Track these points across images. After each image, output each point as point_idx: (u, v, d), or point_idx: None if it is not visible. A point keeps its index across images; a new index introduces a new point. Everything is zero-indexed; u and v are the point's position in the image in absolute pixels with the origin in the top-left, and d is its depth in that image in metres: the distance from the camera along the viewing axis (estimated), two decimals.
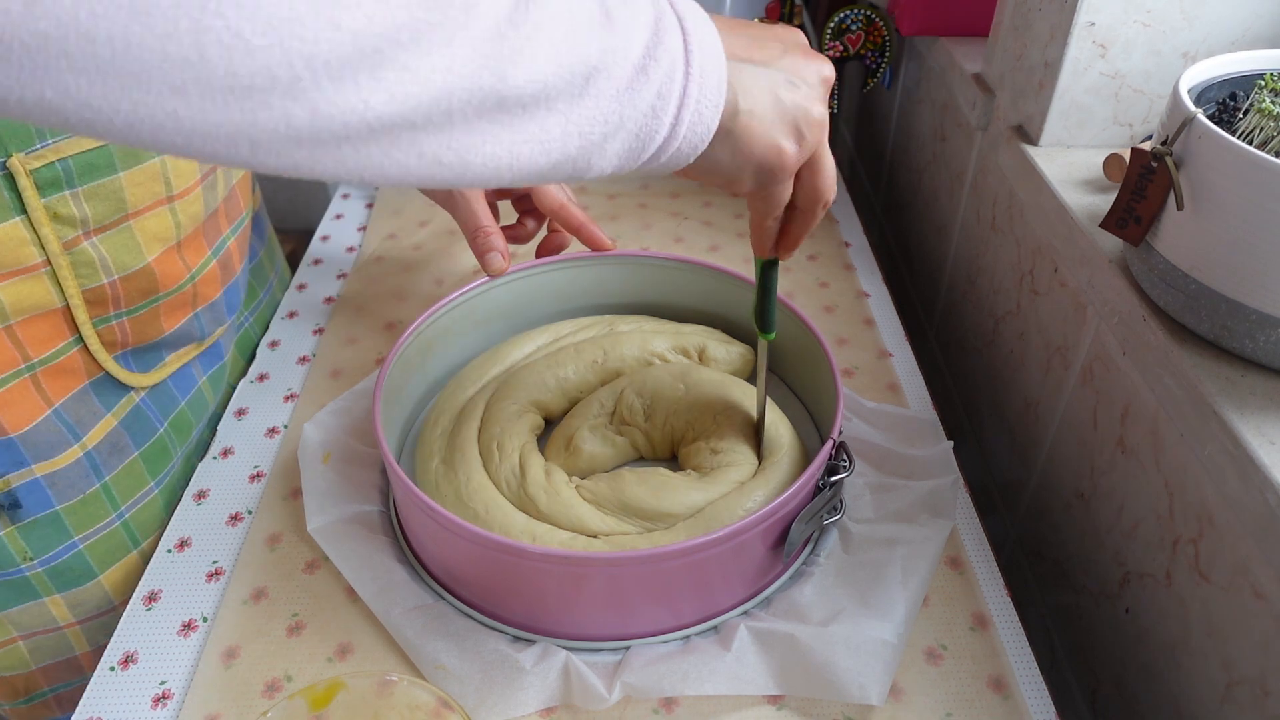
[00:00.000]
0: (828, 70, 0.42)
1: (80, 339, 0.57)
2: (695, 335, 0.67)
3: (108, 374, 0.60)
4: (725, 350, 0.66)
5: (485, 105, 0.29)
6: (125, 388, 0.61)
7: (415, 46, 0.27)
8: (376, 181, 0.31)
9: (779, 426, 0.60)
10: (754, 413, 0.60)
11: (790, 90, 0.40)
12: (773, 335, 0.55)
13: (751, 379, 0.68)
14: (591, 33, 0.31)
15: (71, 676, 0.66)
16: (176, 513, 0.63)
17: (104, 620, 0.63)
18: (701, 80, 0.35)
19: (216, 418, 0.72)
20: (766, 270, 0.51)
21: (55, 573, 0.60)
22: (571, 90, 0.31)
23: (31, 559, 0.58)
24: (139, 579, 0.62)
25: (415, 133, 0.29)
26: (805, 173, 0.43)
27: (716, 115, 0.36)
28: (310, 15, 0.24)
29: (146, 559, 0.64)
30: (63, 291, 0.55)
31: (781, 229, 0.46)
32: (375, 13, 0.26)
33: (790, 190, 0.43)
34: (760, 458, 0.59)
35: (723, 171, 0.40)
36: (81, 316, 0.56)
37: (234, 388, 0.74)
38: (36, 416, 0.55)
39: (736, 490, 0.55)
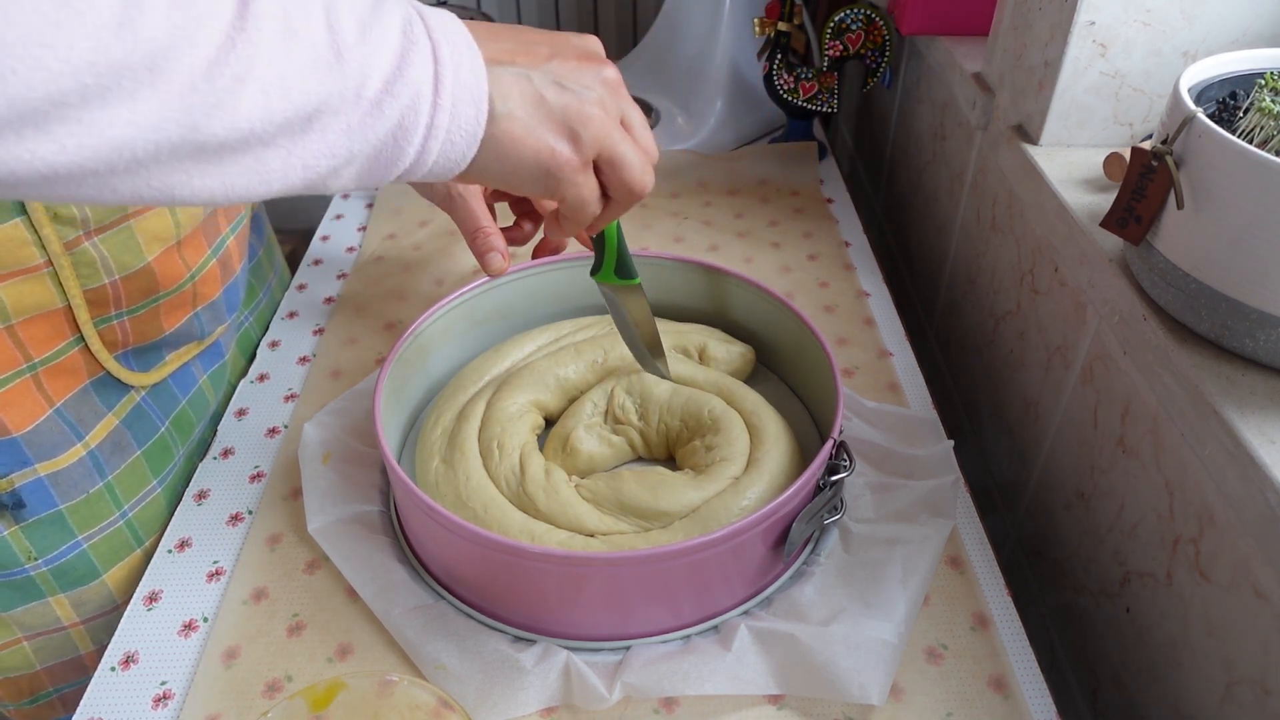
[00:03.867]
0: (609, 73, 0.42)
1: (81, 339, 0.57)
2: (695, 335, 0.67)
3: (108, 373, 0.60)
4: (725, 350, 0.66)
5: (180, 151, 0.30)
6: (126, 387, 0.61)
7: (87, 105, 0.27)
8: (74, 203, 0.31)
9: (764, 415, 0.60)
10: (748, 408, 0.60)
11: (557, 91, 0.40)
12: (638, 280, 0.57)
13: (747, 378, 0.68)
14: (314, 76, 0.32)
15: (76, 676, 0.66)
16: (177, 513, 0.63)
17: (108, 620, 0.63)
18: (453, 110, 0.36)
19: (218, 416, 0.72)
20: (617, 230, 0.55)
21: (59, 572, 0.60)
22: (290, 130, 0.32)
23: (35, 559, 0.58)
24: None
25: (100, 176, 0.29)
26: (606, 169, 0.43)
27: (473, 142, 0.37)
28: None
29: (150, 558, 0.63)
30: (64, 291, 0.55)
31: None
32: (35, 80, 0.26)
33: (589, 187, 0.43)
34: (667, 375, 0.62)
35: (495, 177, 0.40)
36: (83, 316, 0.56)
37: (235, 387, 0.74)
38: (38, 416, 0.55)
39: (732, 486, 0.55)
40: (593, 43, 0.44)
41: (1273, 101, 0.44)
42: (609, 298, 0.59)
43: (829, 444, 0.53)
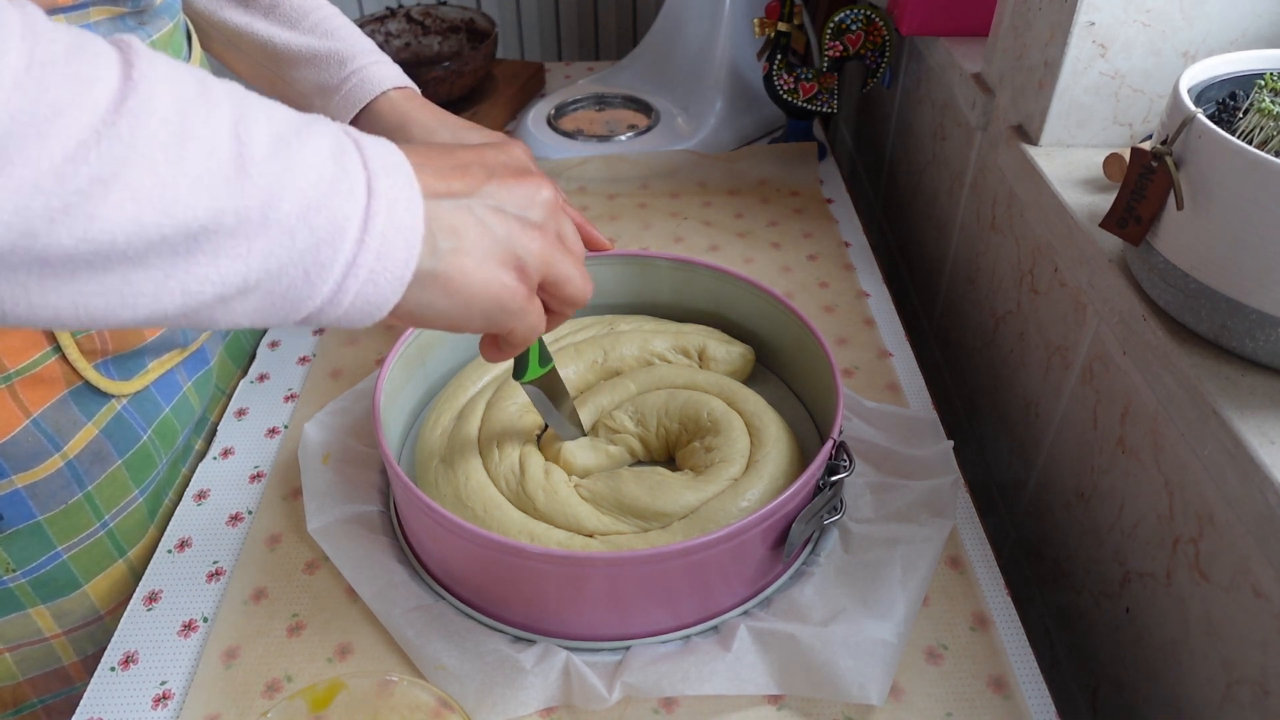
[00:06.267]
0: (546, 192, 0.40)
1: (58, 348, 0.56)
2: (695, 335, 0.67)
3: (87, 383, 0.58)
4: (725, 350, 0.66)
5: (10, 260, 0.26)
6: (106, 396, 0.59)
7: None
8: None
9: (765, 417, 0.60)
10: (748, 410, 0.60)
11: (500, 219, 0.37)
12: (552, 363, 0.56)
13: (747, 379, 0.68)
14: (206, 188, 0.28)
15: (60, 687, 0.65)
16: (177, 513, 0.63)
17: (91, 630, 0.63)
18: (380, 250, 0.32)
19: (203, 423, 0.71)
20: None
21: (39, 583, 0.59)
22: (169, 249, 0.28)
23: (14, 570, 0.58)
24: (126, 587, 0.62)
25: None
26: (549, 289, 0.41)
27: (399, 286, 0.33)
28: None
29: (133, 567, 0.63)
30: None
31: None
32: None
33: (536, 314, 0.40)
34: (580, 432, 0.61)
35: (442, 318, 0.36)
36: None
37: (223, 391, 0.74)
38: (14, 427, 0.54)
39: (731, 487, 0.55)
40: (521, 153, 0.42)
41: (1272, 102, 0.44)
42: (533, 393, 0.56)
43: (829, 444, 0.53)
